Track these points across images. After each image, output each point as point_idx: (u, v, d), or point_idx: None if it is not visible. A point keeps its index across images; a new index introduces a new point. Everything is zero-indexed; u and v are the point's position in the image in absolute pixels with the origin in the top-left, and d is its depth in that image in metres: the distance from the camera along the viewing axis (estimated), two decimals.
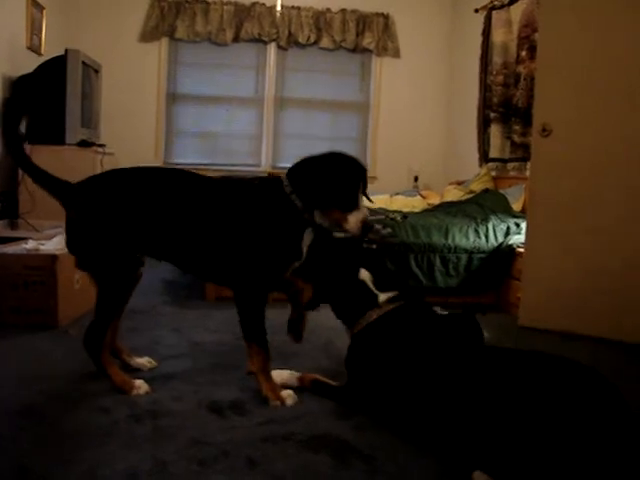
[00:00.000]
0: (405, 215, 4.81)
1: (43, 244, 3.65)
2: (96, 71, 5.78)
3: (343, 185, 2.49)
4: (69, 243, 2.62)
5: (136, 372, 2.79)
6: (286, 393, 2.53)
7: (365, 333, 2.54)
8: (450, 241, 4.49)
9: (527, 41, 5.62)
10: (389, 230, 4.44)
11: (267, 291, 2.59)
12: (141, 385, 2.58)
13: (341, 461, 2.05)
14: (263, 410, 2.44)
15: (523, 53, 5.67)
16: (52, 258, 3.44)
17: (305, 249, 2.61)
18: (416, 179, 7.45)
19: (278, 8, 6.86)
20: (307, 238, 2.60)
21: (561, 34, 3.85)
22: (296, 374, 2.71)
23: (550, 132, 3.85)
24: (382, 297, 2.56)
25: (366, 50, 7.48)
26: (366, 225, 2.50)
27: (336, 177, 2.49)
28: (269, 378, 2.56)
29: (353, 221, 2.48)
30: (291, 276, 2.71)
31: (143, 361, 2.90)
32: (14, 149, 2.66)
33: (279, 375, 2.68)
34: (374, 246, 4.28)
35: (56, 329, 3.40)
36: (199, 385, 2.68)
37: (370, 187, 2.76)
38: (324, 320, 3.82)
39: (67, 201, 2.60)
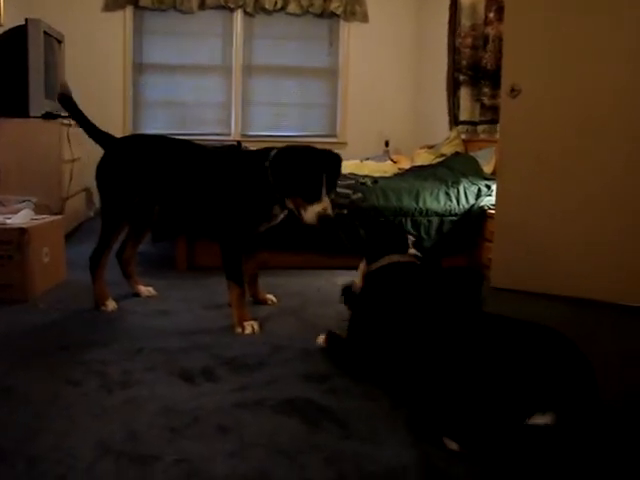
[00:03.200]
0: (375, 180, 4.80)
1: (9, 218, 3.59)
2: (59, 41, 5.66)
3: (307, 178, 2.83)
4: (97, 173, 3.34)
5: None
6: (248, 323, 3.00)
7: (377, 272, 2.64)
8: (421, 204, 4.49)
9: (495, 2, 5.60)
10: (359, 195, 4.43)
11: (243, 241, 3.15)
12: (109, 304, 3.29)
13: (314, 425, 2.05)
14: (234, 377, 2.44)
15: (491, 14, 5.65)
16: (20, 232, 3.39)
17: (278, 217, 3.12)
18: (387, 144, 7.41)
19: None
20: (277, 209, 3.07)
21: None
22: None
23: (519, 92, 3.84)
24: (412, 251, 2.68)
25: (334, 15, 7.40)
26: (324, 217, 2.81)
27: (302, 170, 2.85)
28: (240, 309, 3.04)
29: (311, 211, 2.83)
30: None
31: (144, 289, 3.59)
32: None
33: None
34: (345, 211, 4.27)
35: (26, 303, 3.37)
36: (169, 353, 2.67)
37: (340, 153, 3.09)
38: (296, 288, 3.87)
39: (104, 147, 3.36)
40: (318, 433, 2.00)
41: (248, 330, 2.98)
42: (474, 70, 5.97)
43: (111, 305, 3.30)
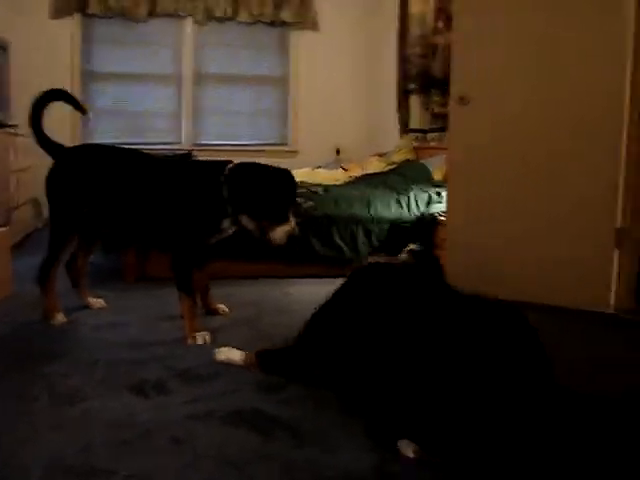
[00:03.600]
0: (326, 188, 4.82)
1: None
2: (3, 48, 5.56)
3: (273, 201, 2.91)
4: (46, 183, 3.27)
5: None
6: (199, 334, 2.98)
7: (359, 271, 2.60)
8: (372, 212, 4.53)
9: (443, 12, 5.68)
10: (311, 203, 4.44)
11: (194, 253, 3.14)
12: (59, 317, 3.23)
13: (266, 434, 2.05)
14: (187, 388, 2.42)
15: (440, 24, 5.72)
16: None
17: (227, 231, 3.11)
18: (338, 152, 7.46)
19: None
20: (227, 223, 3.05)
21: (475, 7, 3.89)
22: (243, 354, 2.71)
23: (468, 101, 3.90)
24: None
25: (285, 23, 7.42)
26: (292, 236, 2.94)
27: (268, 193, 2.90)
28: (191, 320, 3.03)
29: (280, 232, 2.91)
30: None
31: (94, 301, 3.54)
32: None
33: (227, 352, 2.72)
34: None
35: None
36: (124, 366, 2.65)
37: (292, 161, 3.14)
38: (249, 297, 3.86)
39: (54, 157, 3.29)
40: (270, 443, 2.00)
41: (200, 341, 2.97)
42: (424, 79, 6.05)
43: (59, 318, 3.24)
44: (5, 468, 1.80)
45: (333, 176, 5.86)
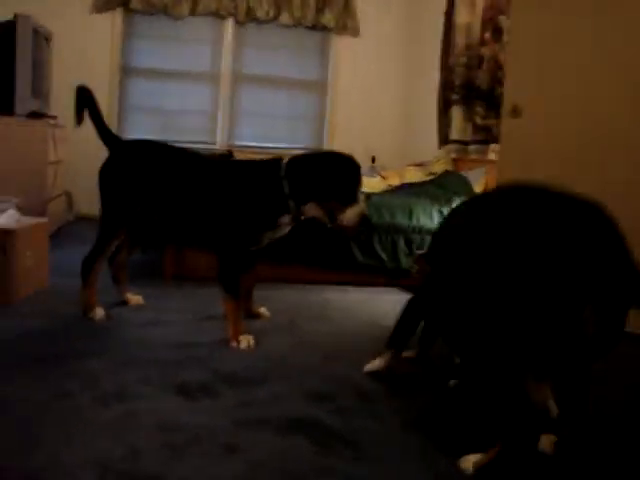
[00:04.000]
0: (368, 195, 4.72)
1: None
2: (47, 39, 5.53)
3: (345, 181, 2.85)
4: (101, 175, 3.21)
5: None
6: (244, 337, 2.90)
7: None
8: (414, 222, 4.43)
9: (491, 23, 5.58)
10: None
11: (245, 254, 3.08)
12: (98, 312, 3.14)
13: (323, 446, 1.95)
14: (234, 393, 2.33)
15: (487, 35, 5.62)
16: (6, 233, 3.25)
17: (283, 228, 3.04)
18: (373, 160, 7.35)
19: None
20: (286, 219, 2.98)
21: (531, 15, 3.80)
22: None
23: (520, 113, 3.80)
24: None
25: (325, 28, 7.34)
26: (364, 217, 2.89)
27: (338, 173, 2.85)
28: (235, 323, 2.93)
29: (351, 213, 2.84)
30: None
31: (132, 297, 3.45)
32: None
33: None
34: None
35: (7, 308, 3.22)
36: (164, 366, 2.56)
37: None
38: (288, 302, 3.78)
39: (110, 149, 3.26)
40: (328, 455, 1.91)
41: (243, 344, 2.89)
42: (467, 89, 5.94)
43: (100, 313, 3.15)
44: (53, 471, 1.71)
45: (371, 183, 5.75)
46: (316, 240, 4.21)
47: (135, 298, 3.47)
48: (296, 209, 2.94)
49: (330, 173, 2.85)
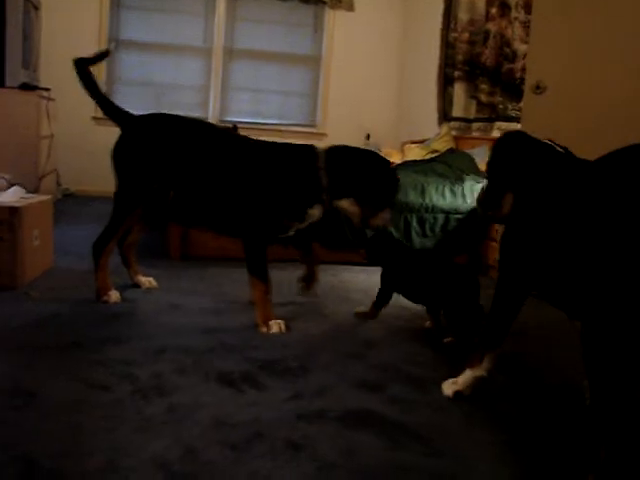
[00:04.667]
0: None
1: None
2: (36, 8, 5.27)
3: (389, 186, 2.89)
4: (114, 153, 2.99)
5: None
6: (274, 322, 2.77)
7: None
8: (427, 201, 4.30)
9: None
10: None
11: (271, 237, 2.91)
12: (113, 295, 2.99)
13: (392, 440, 1.82)
14: (280, 383, 2.19)
15: (493, 10, 5.48)
16: (11, 211, 3.06)
17: (312, 218, 2.90)
18: (368, 137, 7.21)
19: None
20: (316, 211, 2.86)
21: None
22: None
23: (544, 89, 3.67)
24: None
25: (319, 2, 7.15)
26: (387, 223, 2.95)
27: (386, 178, 2.86)
28: (265, 307, 2.81)
29: (381, 219, 2.87)
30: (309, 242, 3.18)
31: (144, 280, 3.29)
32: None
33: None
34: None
35: (15, 291, 3.04)
36: (196, 354, 2.40)
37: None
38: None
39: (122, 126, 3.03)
40: (398, 450, 1.78)
41: (274, 329, 2.75)
42: (470, 66, 5.80)
43: (114, 296, 3.00)
44: (108, 473, 1.56)
45: None
46: (328, 221, 4.06)
47: (147, 280, 3.31)
48: (329, 202, 2.85)
49: (379, 175, 2.84)
